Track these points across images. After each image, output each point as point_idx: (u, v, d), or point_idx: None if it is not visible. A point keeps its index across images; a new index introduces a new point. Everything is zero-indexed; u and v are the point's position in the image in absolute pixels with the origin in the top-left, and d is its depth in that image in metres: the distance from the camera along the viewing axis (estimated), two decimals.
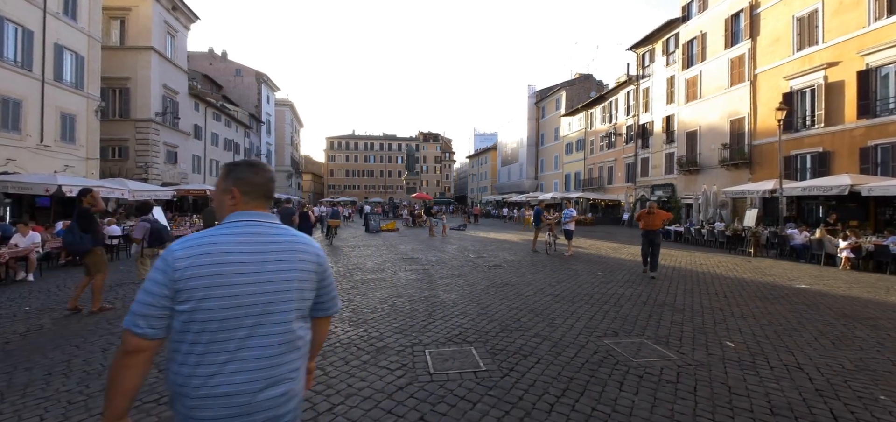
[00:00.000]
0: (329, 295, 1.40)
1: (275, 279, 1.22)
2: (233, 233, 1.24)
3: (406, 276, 8.05)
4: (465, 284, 7.25)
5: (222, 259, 1.18)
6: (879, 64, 15.93)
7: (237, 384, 1.14)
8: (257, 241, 1.25)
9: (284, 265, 1.25)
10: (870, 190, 12.90)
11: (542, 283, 7.48)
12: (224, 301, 1.15)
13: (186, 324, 1.15)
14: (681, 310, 5.69)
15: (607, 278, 8.14)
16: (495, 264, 9.63)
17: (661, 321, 5.08)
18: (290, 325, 1.24)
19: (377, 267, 9.16)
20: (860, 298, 7.03)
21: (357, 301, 5.93)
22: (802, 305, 6.26)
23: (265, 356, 1.18)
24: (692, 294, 6.81)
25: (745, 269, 10.09)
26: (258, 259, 1.22)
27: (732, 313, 5.63)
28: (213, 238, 1.22)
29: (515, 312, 5.32)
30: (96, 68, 22.52)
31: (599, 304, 5.92)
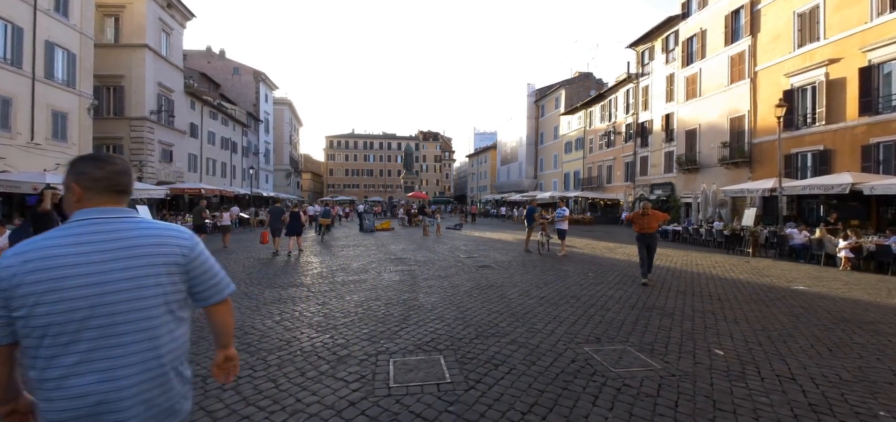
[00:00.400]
0: (206, 283, 1.37)
1: (124, 278, 1.19)
2: (70, 234, 1.20)
3: (389, 277, 7.79)
4: (448, 285, 6.99)
5: (52, 264, 1.15)
6: (882, 60, 15.61)
7: (90, 385, 1.13)
8: (100, 239, 1.20)
9: (137, 262, 1.22)
10: (872, 189, 12.59)
11: (528, 284, 7.21)
12: (57, 306, 1.13)
13: (27, 330, 1.14)
14: (670, 314, 5.42)
15: (598, 280, 7.87)
16: (484, 265, 9.37)
17: (647, 326, 4.81)
18: (152, 322, 1.22)
19: (362, 268, 8.91)
20: (860, 300, 6.75)
21: (331, 305, 5.67)
22: (799, 309, 5.99)
23: (123, 355, 1.17)
24: (684, 296, 6.54)
25: (742, 270, 9.80)
26: (98, 259, 1.18)
27: (725, 317, 5.36)
28: (45, 243, 1.18)
29: (495, 317, 5.06)
30: (89, 66, 22.30)
31: (585, 307, 5.65)
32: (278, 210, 12.49)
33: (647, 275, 7.61)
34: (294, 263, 9.87)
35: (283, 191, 57.01)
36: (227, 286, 1.45)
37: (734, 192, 18.52)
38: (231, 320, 1.50)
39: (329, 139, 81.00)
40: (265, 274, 8.28)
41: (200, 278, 1.35)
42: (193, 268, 1.33)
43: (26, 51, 18.08)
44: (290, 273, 8.39)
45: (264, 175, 52.74)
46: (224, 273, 1.45)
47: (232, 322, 1.51)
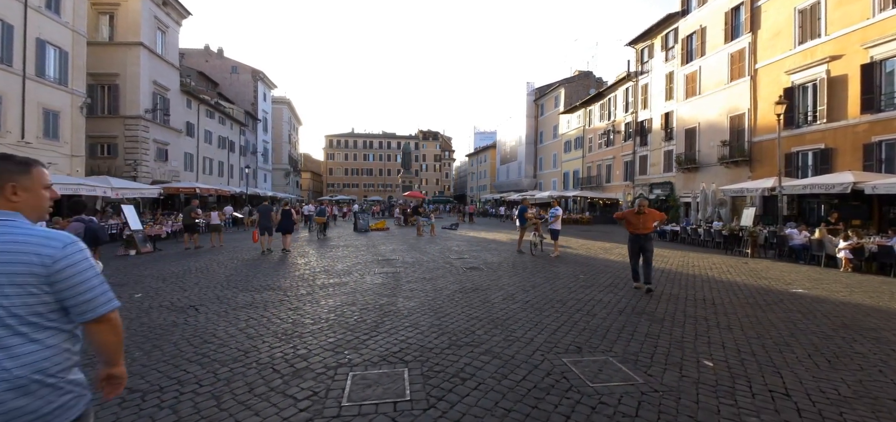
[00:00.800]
0: (78, 297, 1.30)
1: None
2: None
3: (372, 280, 7.52)
4: (431, 289, 6.72)
5: None
6: (884, 56, 15.28)
7: None
8: None
9: None
10: (874, 188, 12.28)
11: (515, 287, 6.94)
12: None
13: None
14: (660, 320, 5.14)
15: (589, 282, 7.58)
16: (473, 267, 9.09)
17: (634, 334, 4.53)
18: None
19: (346, 270, 8.64)
20: (862, 304, 6.46)
21: (303, 310, 5.40)
22: (798, 314, 5.70)
23: None
24: (676, 301, 6.25)
25: (739, 271, 9.51)
26: None
27: (718, 324, 5.07)
28: None
29: (473, 324, 4.78)
30: (81, 64, 22.09)
31: (570, 312, 5.37)
32: (266, 209, 12.54)
33: (648, 283, 6.76)
34: (279, 263, 9.62)
35: (282, 190, 56.80)
36: (105, 303, 1.34)
37: (734, 191, 18.21)
38: (113, 338, 1.40)
39: (329, 138, 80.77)
40: (245, 276, 8.03)
41: (70, 292, 1.29)
42: (59, 280, 1.27)
43: (17, 48, 17.87)
44: (270, 275, 8.13)
45: (263, 174, 52.54)
46: (106, 288, 1.34)
47: (114, 341, 1.40)
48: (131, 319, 5.03)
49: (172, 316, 5.14)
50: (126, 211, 12.45)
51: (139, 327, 4.76)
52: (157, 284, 7.25)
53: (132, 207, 12.94)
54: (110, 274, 8.35)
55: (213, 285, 7.08)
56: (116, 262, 10.37)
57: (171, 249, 13.07)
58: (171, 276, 8.11)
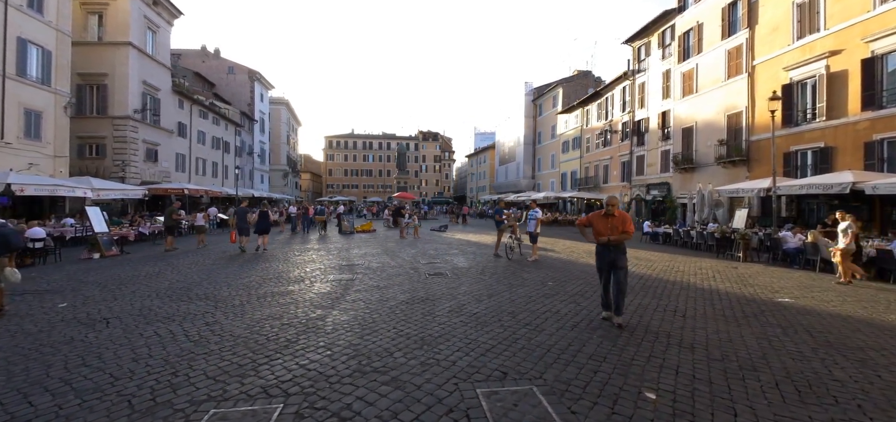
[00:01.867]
0: None
1: None
2: None
3: (319, 288, 7.01)
4: (377, 299, 6.20)
5: None
6: (886, 51, 14.58)
7: None
8: None
9: None
10: (874, 188, 11.61)
11: (469, 297, 6.40)
12: None
13: None
14: (615, 337, 4.58)
15: (555, 290, 7.02)
16: (438, 272, 8.54)
17: (577, 355, 3.97)
18: None
19: (300, 277, 8.14)
20: (852, 317, 5.86)
21: (220, 325, 4.88)
22: (777, 328, 5.11)
23: None
24: (643, 312, 5.68)
25: (725, 277, 8.90)
26: None
27: (681, 341, 4.51)
28: None
29: (398, 343, 4.25)
30: (65, 63, 21.80)
31: (517, 327, 4.83)
32: (243, 211, 13.00)
33: (619, 315, 5.04)
34: (241, 266, 9.15)
35: (280, 191, 56.53)
36: None
37: (729, 192, 17.54)
38: None
39: (328, 139, 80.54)
40: (194, 282, 7.54)
41: None
42: None
43: None
44: (219, 282, 7.64)
45: (259, 175, 52.29)
46: None
47: None
48: (34, 332, 4.56)
49: (75, 331, 4.65)
50: (90, 213, 12.04)
51: (32, 342, 4.28)
52: (94, 292, 6.79)
53: (97, 209, 12.54)
54: (56, 279, 7.92)
55: (149, 294, 6.60)
56: (75, 266, 9.95)
57: (147, 251, 12.66)
58: (115, 282, 7.65)
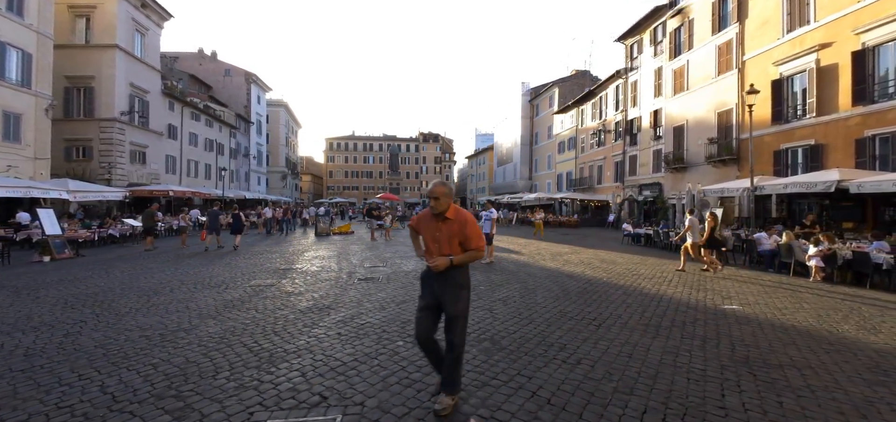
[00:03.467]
0: None
1: None
2: None
3: (230, 295, 6.59)
4: (279, 307, 5.77)
5: None
6: (877, 42, 13.85)
7: None
8: None
9: None
10: (859, 186, 10.89)
11: (377, 305, 5.93)
12: None
13: None
14: (488, 352, 4.07)
15: (479, 296, 6.52)
16: (369, 277, 8.08)
17: (430, 374, 3.48)
18: None
19: (221, 282, 7.73)
20: (799, 327, 5.28)
21: (72, 338, 4.49)
22: (696, 341, 4.56)
23: None
24: (551, 323, 5.15)
25: (683, 282, 8.30)
26: None
27: (571, 356, 3.98)
28: None
29: (239, 360, 3.81)
30: (47, 66, 21.80)
31: (391, 340, 4.35)
32: (215, 212, 14.11)
33: (446, 392, 2.89)
34: (176, 268, 8.82)
35: (279, 193, 56.60)
36: None
37: (716, 191, 16.83)
38: None
39: (329, 141, 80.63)
40: (106, 289, 7.21)
41: None
42: None
43: None
44: (131, 290, 7.29)
45: (256, 177, 52.36)
46: None
47: None
48: None
49: None
50: (42, 215, 11.82)
51: None
52: (5, 299, 6.47)
53: (50, 211, 12.32)
54: None
55: (52, 301, 6.26)
56: (18, 269, 9.69)
57: (112, 253, 12.43)
58: (35, 286, 7.35)
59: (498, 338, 4.46)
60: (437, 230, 2.91)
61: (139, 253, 12.63)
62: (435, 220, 2.95)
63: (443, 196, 2.90)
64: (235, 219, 14.18)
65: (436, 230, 2.92)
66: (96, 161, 26.15)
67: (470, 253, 2.88)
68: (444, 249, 2.88)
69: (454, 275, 2.85)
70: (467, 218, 2.94)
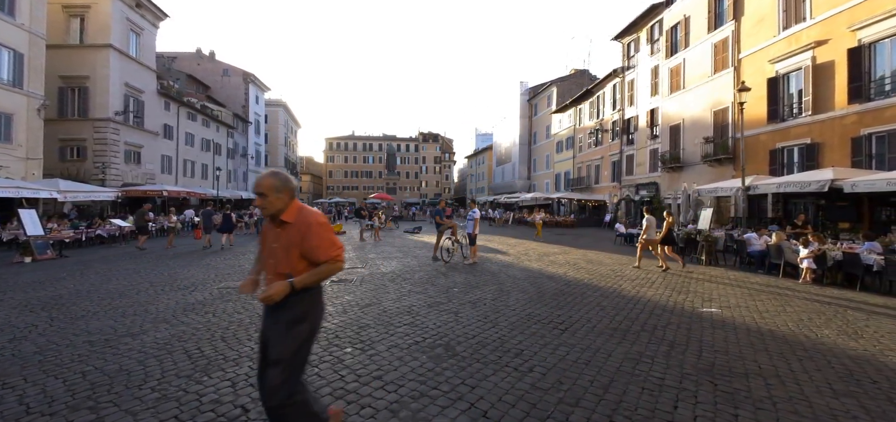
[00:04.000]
0: None
1: None
2: None
3: (194, 298, 6.44)
4: (229, 312, 5.59)
5: None
6: (873, 39, 13.58)
7: None
8: None
9: None
10: (853, 185, 10.64)
11: (339, 309, 5.76)
12: None
13: None
14: (439, 358, 3.88)
15: (450, 298, 6.33)
16: (343, 279, 7.88)
17: (344, 391, 3.29)
18: None
19: (189, 284, 7.59)
20: (776, 332, 5.07)
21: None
22: (663, 347, 4.36)
23: None
24: (516, 326, 4.95)
25: (665, 284, 8.08)
26: None
27: (523, 364, 3.79)
28: None
29: (164, 370, 3.65)
30: (39, 66, 21.75)
31: (324, 350, 4.17)
32: (209, 212, 14.85)
33: None
34: (150, 272, 8.68)
35: None
36: None
37: (709, 191, 16.58)
38: None
39: (329, 141, 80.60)
40: (78, 291, 7.06)
41: None
42: None
43: None
44: (95, 294, 7.14)
45: (254, 177, 52.32)
46: None
47: None
48: None
49: None
50: (23, 215, 11.71)
51: None
52: None
53: (32, 212, 12.21)
54: None
55: (14, 304, 6.12)
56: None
57: (98, 254, 12.32)
58: (2, 290, 7.22)
59: (454, 343, 4.27)
60: (275, 240, 2.21)
61: (124, 253, 12.53)
62: (273, 226, 2.24)
63: (271, 192, 2.16)
64: (226, 219, 14.61)
65: (273, 240, 2.22)
66: (90, 161, 26.11)
67: (319, 270, 2.14)
68: (282, 266, 2.15)
69: (290, 305, 2.10)
70: (312, 221, 2.17)
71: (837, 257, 8.82)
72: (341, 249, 2.23)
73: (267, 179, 2.19)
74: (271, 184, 2.17)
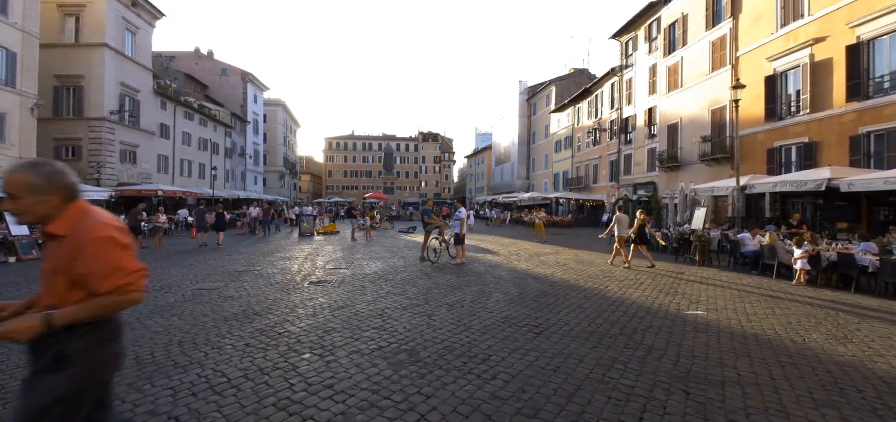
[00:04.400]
0: None
1: None
2: None
3: (165, 300, 6.28)
4: (196, 315, 5.42)
5: None
6: (872, 35, 13.33)
7: None
8: None
9: None
10: (850, 185, 10.42)
11: (308, 312, 5.58)
12: None
13: None
14: (379, 374, 3.70)
15: (424, 300, 6.15)
16: (324, 280, 7.70)
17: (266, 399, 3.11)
18: None
19: (170, 285, 7.43)
20: (760, 336, 4.86)
21: None
22: (639, 352, 4.16)
23: None
24: (496, 326, 4.76)
25: (653, 285, 7.87)
26: None
27: (488, 370, 3.60)
28: None
29: None
30: (32, 65, 21.64)
31: (280, 357, 4.00)
32: (201, 211, 15.42)
33: None
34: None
35: (276, 192, 56.44)
36: None
37: (705, 190, 16.36)
38: None
39: (328, 141, 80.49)
40: None
41: None
42: None
43: None
44: None
45: (253, 176, 52.22)
46: None
47: None
48: None
49: None
50: (9, 215, 11.55)
51: None
52: None
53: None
54: None
55: None
56: None
57: None
58: None
59: (419, 348, 4.08)
60: (45, 260, 1.68)
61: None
62: (47, 240, 1.67)
63: (26, 192, 1.57)
64: (218, 218, 14.98)
65: (44, 260, 1.69)
66: (85, 161, 26.02)
67: (96, 303, 1.57)
68: (47, 296, 1.63)
69: (46, 347, 1.56)
70: (90, 237, 1.58)
71: (832, 258, 8.60)
72: (135, 276, 1.62)
73: (19, 173, 1.56)
74: (24, 181, 1.54)
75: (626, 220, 10.84)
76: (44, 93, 23.75)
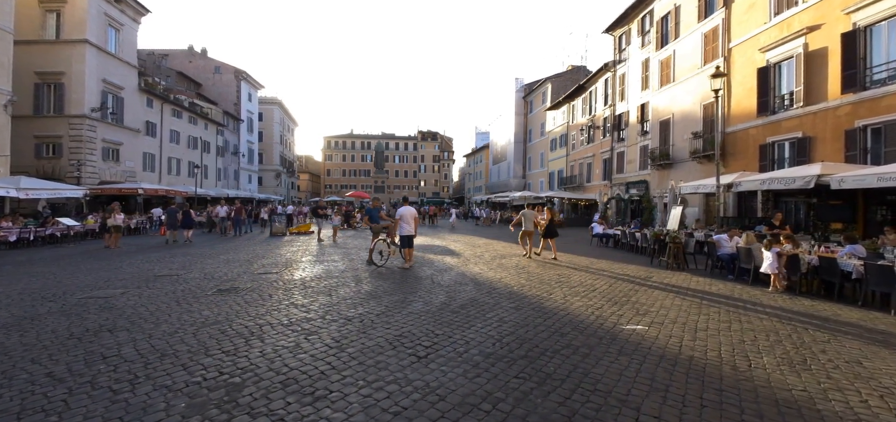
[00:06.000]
0: None
1: None
2: None
3: (70, 302, 5.60)
4: (45, 331, 4.74)
5: None
6: (869, 22, 12.35)
7: None
8: None
9: None
10: (841, 181, 9.51)
11: (193, 327, 4.88)
12: None
13: None
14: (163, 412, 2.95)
15: (324, 312, 5.40)
16: (231, 289, 6.87)
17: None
18: None
19: (50, 296, 6.75)
20: (697, 359, 4.05)
21: None
22: (532, 381, 3.38)
23: None
24: (362, 358, 3.98)
25: (604, 294, 7.03)
26: None
27: (347, 393, 2.85)
28: None
29: None
30: (6, 61, 21.20)
31: (144, 375, 3.27)
32: (173, 210, 15.89)
33: None
34: (102, 266, 7.90)
35: (273, 191, 56.07)
36: None
37: (692, 189, 15.47)
38: None
39: (327, 140, 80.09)
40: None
41: None
42: None
43: None
44: None
45: (247, 175, 51.83)
46: None
47: None
48: None
49: None
50: None
51: None
52: None
53: None
54: None
55: None
56: None
57: (39, 254, 11.63)
58: None
59: (251, 382, 3.31)
60: None
61: (74, 253, 12.00)
62: None
63: None
64: (186, 216, 15.66)
65: None
66: (66, 159, 25.62)
67: None
68: None
69: None
70: None
71: (813, 262, 7.72)
72: None
73: None
74: None
75: (531, 215, 12.02)
76: (24, 90, 23.39)
